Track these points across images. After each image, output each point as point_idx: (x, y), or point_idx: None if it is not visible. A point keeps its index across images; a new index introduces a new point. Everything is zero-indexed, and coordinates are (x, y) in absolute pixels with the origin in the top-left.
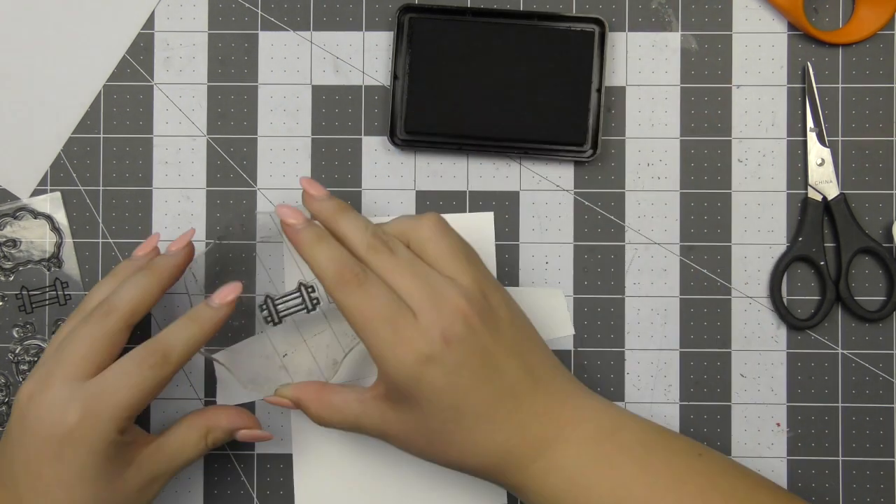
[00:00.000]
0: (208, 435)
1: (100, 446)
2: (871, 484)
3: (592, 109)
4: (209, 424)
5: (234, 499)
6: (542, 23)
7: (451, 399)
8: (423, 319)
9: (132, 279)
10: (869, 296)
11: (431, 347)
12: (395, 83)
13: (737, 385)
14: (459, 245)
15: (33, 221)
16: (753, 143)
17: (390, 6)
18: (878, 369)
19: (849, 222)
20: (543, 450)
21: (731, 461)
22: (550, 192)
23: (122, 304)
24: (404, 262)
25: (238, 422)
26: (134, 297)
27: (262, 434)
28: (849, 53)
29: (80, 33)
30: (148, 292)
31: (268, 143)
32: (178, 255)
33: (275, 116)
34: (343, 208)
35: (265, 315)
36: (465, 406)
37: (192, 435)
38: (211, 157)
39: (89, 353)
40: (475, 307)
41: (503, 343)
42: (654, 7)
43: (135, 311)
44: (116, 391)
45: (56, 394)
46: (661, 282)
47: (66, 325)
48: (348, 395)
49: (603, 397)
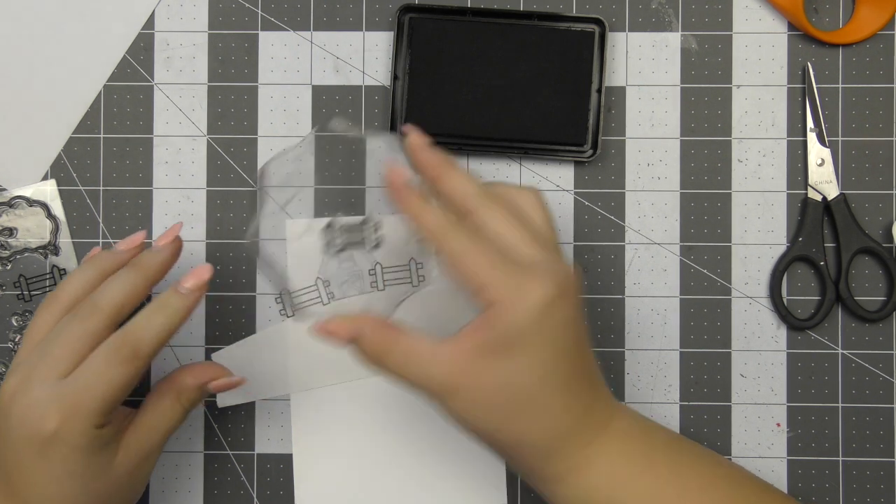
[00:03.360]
0: (181, 397)
1: (82, 443)
2: (871, 484)
3: (592, 109)
4: (178, 387)
5: (234, 499)
6: (542, 23)
7: (552, 354)
8: (542, 265)
9: (118, 277)
10: (869, 296)
11: (557, 290)
12: (396, 83)
13: (737, 385)
14: (551, 224)
15: (28, 209)
16: (753, 143)
17: (390, 6)
18: (878, 369)
19: (849, 222)
20: (596, 436)
21: (747, 471)
22: (550, 192)
23: (107, 305)
24: (514, 216)
25: (204, 376)
26: (119, 297)
27: (233, 380)
28: (849, 53)
29: (81, 33)
30: (134, 291)
31: (268, 143)
32: (165, 250)
33: (275, 116)
34: (451, 161)
35: (280, 309)
36: (559, 368)
37: (164, 403)
38: (211, 157)
39: (72, 354)
40: (578, 279)
41: (582, 318)
42: (654, 7)
43: (120, 311)
44: (89, 389)
45: (36, 395)
46: (661, 282)
47: (39, 317)
48: (422, 337)
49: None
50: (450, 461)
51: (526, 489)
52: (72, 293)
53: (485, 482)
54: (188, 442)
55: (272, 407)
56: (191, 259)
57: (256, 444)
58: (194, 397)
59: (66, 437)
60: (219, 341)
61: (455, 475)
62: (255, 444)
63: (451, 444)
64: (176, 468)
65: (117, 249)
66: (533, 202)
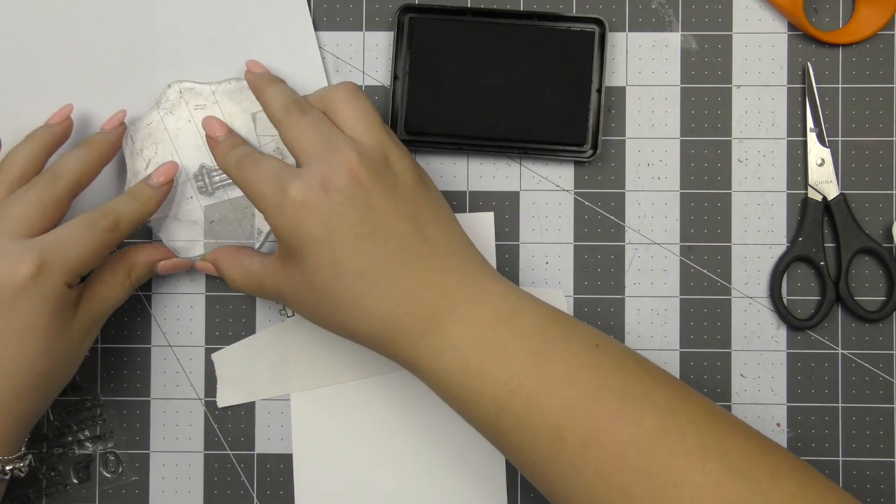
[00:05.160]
0: (131, 273)
1: (51, 297)
2: (871, 484)
3: (592, 109)
4: (129, 262)
5: (234, 499)
6: (542, 23)
7: (329, 252)
8: (305, 169)
9: (74, 153)
10: (869, 296)
11: (307, 193)
12: (395, 83)
13: (737, 385)
14: (369, 111)
15: None
16: (753, 143)
17: (390, 6)
18: (878, 369)
19: (849, 222)
20: (435, 325)
21: (630, 353)
22: (550, 192)
23: (68, 173)
24: (310, 121)
25: (156, 254)
26: (78, 168)
27: (179, 262)
28: (849, 53)
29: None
30: (90, 165)
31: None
32: (114, 131)
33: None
34: (272, 80)
35: (199, 185)
36: (344, 261)
37: (116, 277)
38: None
39: (36, 215)
40: (368, 165)
41: (397, 206)
42: (654, 7)
43: (79, 181)
44: (68, 247)
45: (6, 247)
46: (661, 282)
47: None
48: (255, 258)
49: (511, 282)
50: (449, 461)
51: (526, 489)
52: (20, 164)
53: (485, 482)
54: (188, 442)
55: (272, 407)
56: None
57: (256, 444)
58: (143, 274)
59: (38, 288)
60: (219, 341)
61: (455, 475)
62: (255, 444)
63: (450, 444)
64: (176, 468)
65: (49, 123)
66: (344, 94)
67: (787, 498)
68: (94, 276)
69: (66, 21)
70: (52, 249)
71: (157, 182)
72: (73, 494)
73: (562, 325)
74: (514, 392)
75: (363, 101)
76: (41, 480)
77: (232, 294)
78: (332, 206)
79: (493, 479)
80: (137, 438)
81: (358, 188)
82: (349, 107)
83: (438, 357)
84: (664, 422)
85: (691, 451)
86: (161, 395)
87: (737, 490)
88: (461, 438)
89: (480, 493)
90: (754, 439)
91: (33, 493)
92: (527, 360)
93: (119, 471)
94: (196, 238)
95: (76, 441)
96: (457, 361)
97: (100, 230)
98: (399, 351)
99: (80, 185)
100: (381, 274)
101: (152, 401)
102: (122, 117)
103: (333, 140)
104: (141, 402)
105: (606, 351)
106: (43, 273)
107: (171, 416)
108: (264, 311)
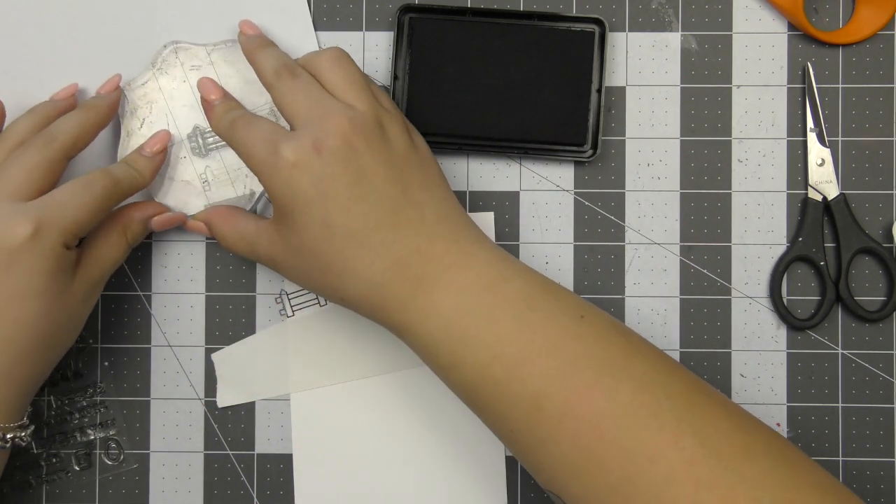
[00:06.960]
0: (126, 231)
1: (49, 258)
2: (871, 484)
3: (592, 109)
4: (124, 221)
5: (234, 499)
6: (542, 23)
7: (321, 212)
8: (298, 131)
9: (70, 116)
10: (869, 296)
11: (299, 154)
12: (396, 83)
13: (737, 385)
14: (358, 75)
15: None
16: (753, 143)
17: (390, 6)
18: (878, 369)
19: (849, 222)
20: (423, 290)
21: (615, 325)
22: (550, 192)
23: (63, 135)
24: (302, 85)
25: (149, 210)
26: (73, 130)
27: (173, 216)
28: (849, 53)
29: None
30: (85, 127)
31: None
32: (109, 96)
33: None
34: (264, 43)
35: (193, 146)
36: (336, 223)
37: (112, 237)
38: None
39: (31, 177)
40: (359, 128)
41: (388, 170)
42: (654, 7)
43: (74, 143)
44: (67, 208)
45: (1, 209)
46: (661, 282)
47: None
48: (250, 220)
49: (503, 250)
50: (450, 461)
51: (526, 489)
52: (20, 134)
53: (485, 482)
54: (188, 442)
55: (272, 407)
56: (191, 258)
57: (256, 444)
58: (138, 231)
59: (35, 249)
60: (219, 341)
61: (455, 475)
62: (255, 444)
63: (450, 444)
64: (176, 468)
65: (54, 99)
66: (332, 59)
67: (759, 475)
68: (91, 238)
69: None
70: (49, 211)
71: (151, 151)
72: (74, 481)
73: (548, 293)
74: (496, 359)
75: (348, 66)
76: (42, 467)
77: (232, 294)
78: (323, 167)
79: (493, 480)
80: (137, 438)
81: (350, 151)
82: (334, 73)
83: (424, 321)
84: (641, 395)
85: (665, 427)
86: (161, 395)
87: (709, 466)
88: (461, 438)
89: (480, 493)
90: (735, 417)
91: (34, 479)
92: (510, 327)
93: (121, 458)
94: (189, 198)
95: (78, 427)
96: (441, 326)
97: (97, 191)
98: (387, 315)
99: (76, 147)
100: (372, 237)
101: (152, 401)
102: (117, 81)
103: (326, 104)
104: (141, 402)
105: (591, 322)
106: (40, 234)
107: (171, 416)
108: (264, 311)
